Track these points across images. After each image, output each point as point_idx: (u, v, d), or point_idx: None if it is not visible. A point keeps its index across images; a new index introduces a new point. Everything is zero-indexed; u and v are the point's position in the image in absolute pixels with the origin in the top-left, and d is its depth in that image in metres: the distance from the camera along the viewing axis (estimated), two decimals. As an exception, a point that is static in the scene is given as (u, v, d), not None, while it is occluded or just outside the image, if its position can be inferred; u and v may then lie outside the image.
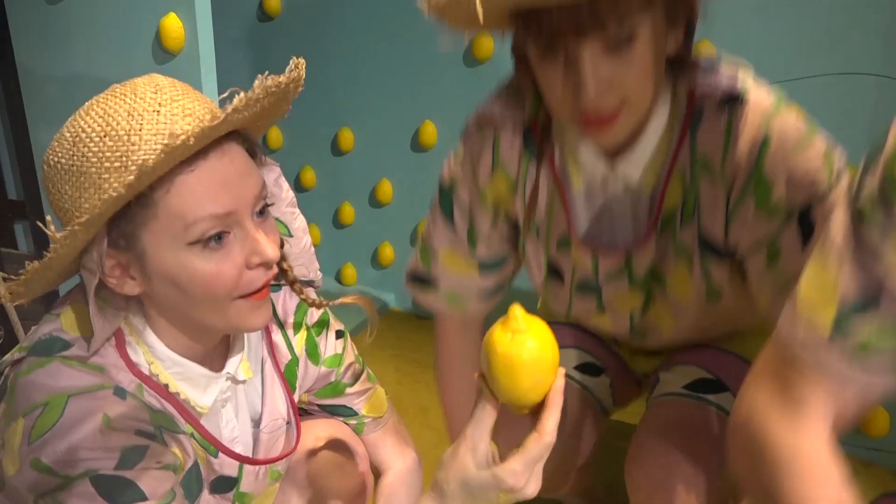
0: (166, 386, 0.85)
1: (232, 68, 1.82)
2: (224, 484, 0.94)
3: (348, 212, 2.44)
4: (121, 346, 0.83)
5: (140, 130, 0.72)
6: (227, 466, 0.93)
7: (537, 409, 0.74)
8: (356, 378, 1.09)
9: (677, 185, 0.96)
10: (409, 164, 2.24)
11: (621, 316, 1.13)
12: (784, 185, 0.88)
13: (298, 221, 1.64)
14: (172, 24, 1.46)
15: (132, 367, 0.83)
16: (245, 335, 0.94)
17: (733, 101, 0.91)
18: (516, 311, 0.71)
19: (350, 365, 1.07)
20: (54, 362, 0.78)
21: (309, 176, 2.48)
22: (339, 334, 1.06)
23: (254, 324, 0.83)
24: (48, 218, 0.73)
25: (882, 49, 1.55)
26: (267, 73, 0.74)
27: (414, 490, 1.15)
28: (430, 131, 2.16)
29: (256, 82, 0.73)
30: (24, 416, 0.76)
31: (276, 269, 0.82)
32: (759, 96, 0.91)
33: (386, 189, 2.33)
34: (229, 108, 0.71)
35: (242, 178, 0.77)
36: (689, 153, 0.94)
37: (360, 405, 1.10)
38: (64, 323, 0.82)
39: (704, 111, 0.93)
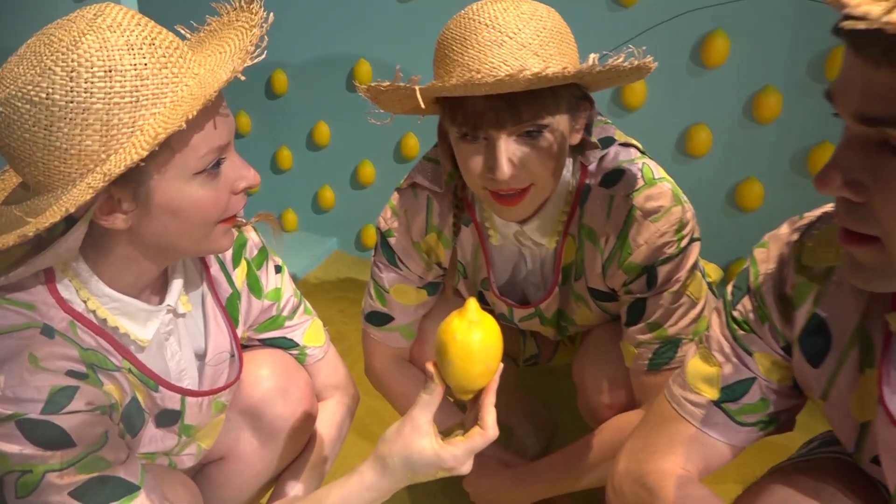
0: (104, 321, 0.86)
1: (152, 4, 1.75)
2: (168, 417, 0.96)
3: (286, 156, 2.41)
4: (51, 284, 0.82)
5: (146, 66, 0.73)
6: (169, 400, 0.94)
7: (477, 396, 0.84)
8: (294, 311, 1.12)
9: (571, 245, 1.14)
10: (345, 104, 2.21)
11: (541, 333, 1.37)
12: (641, 251, 1.07)
13: None
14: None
15: (63, 304, 0.83)
16: (182, 270, 0.95)
17: (613, 180, 1.08)
18: (473, 304, 0.81)
19: (289, 298, 1.11)
20: None
21: (244, 121, 2.43)
22: (278, 269, 1.10)
23: (225, 245, 0.88)
24: (88, 164, 0.73)
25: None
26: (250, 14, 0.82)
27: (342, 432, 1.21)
28: (364, 70, 2.13)
29: (272, 18, 0.82)
30: None
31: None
32: (634, 176, 1.07)
33: (323, 131, 2.31)
34: (260, 48, 0.79)
35: (228, 110, 0.82)
36: (578, 222, 1.12)
37: (299, 336, 1.13)
38: None
39: (591, 189, 1.10)
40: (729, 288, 0.87)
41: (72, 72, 0.71)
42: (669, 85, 1.78)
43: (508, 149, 0.95)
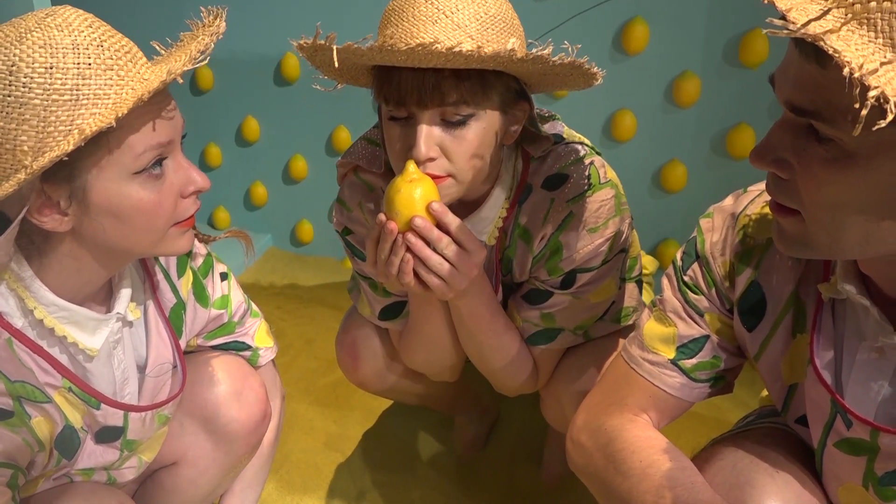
0: (51, 330, 0.84)
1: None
2: (110, 433, 0.94)
3: (215, 153, 2.37)
4: None
5: (89, 66, 0.73)
6: (112, 416, 0.93)
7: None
8: (244, 315, 1.12)
9: (504, 242, 1.13)
10: (273, 98, 2.18)
11: None
12: (570, 258, 1.08)
13: None
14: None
15: (0, 318, 0.80)
16: (129, 277, 0.94)
17: (557, 183, 1.07)
18: (411, 166, 0.93)
19: (239, 305, 1.10)
20: None
21: (168, 118, 2.37)
22: (224, 276, 1.09)
23: (183, 247, 0.88)
24: (23, 160, 0.72)
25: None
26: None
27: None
28: (292, 64, 2.11)
29: (222, 27, 0.82)
30: None
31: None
32: (580, 179, 1.06)
33: (252, 127, 2.27)
34: (208, 50, 0.78)
35: (174, 108, 0.82)
36: (513, 220, 1.11)
37: (250, 339, 1.13)
38: None
39: (533, 189, 1.09)
40: (679, 255, 0.92)
41: (12, 66, 0.72)
42: (594, 72, 1.82)
43: (430, 130, 0.94)
